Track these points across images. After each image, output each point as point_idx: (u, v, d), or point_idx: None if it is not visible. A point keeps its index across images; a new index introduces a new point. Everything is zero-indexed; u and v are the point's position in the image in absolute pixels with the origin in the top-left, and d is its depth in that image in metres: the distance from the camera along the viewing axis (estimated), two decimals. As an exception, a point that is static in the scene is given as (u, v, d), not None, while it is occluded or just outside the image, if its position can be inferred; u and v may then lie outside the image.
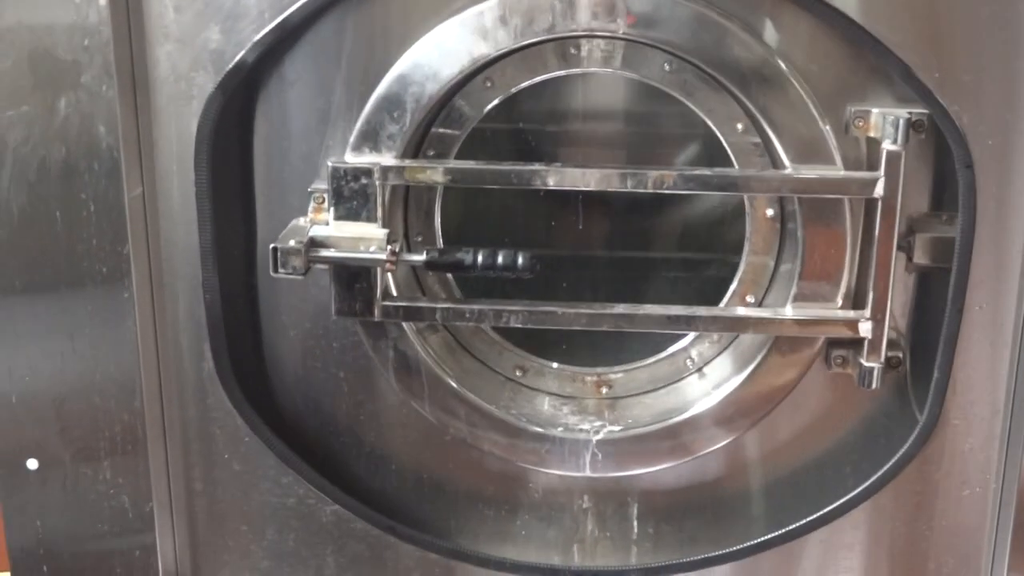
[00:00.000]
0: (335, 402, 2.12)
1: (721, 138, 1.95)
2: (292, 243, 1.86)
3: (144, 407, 2.04)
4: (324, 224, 1.93)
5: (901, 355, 2.02)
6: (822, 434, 2.12)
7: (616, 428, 2.09)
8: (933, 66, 1.81)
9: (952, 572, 2.12)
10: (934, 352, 1.96)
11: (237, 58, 1.88)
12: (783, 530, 2.10)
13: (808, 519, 2.09)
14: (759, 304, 2.06)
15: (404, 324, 2.02)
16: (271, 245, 1.86)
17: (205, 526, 2.17)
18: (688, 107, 1.94)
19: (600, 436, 2.08)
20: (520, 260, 1.89)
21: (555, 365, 2.16)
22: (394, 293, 2.01)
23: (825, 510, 2.08)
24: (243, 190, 2.01)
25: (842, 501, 2.08)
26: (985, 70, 1.82)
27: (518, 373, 2.15)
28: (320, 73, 1.93)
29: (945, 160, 1.92)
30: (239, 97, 1.95)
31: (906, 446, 2.02)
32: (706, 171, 1.92)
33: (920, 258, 1.94)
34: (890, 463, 2.04)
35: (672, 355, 2.14)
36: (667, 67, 1.90)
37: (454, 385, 2.07)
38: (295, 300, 2.06)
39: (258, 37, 1.87)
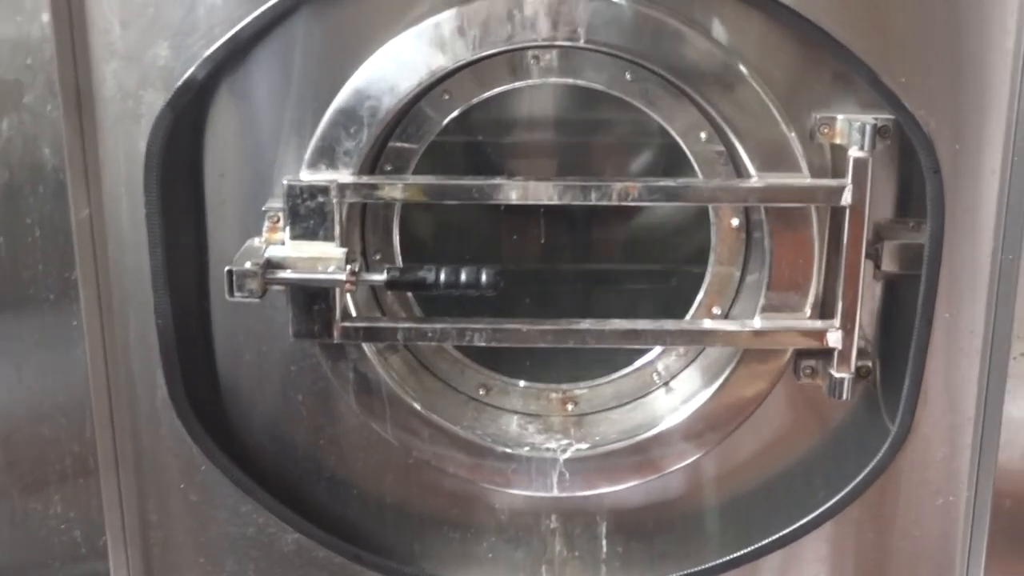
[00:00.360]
0: (294, 427, 2.08)
1: (684, 147, 1.93)
2: (248, 265, 1.81)
3: (95, 437, 1.99)
4: (280, 244, 1.88)
5: (871, 364, 2.01)
6: (792, 446, 2.10)
7: (583, 446, 2.06)
8: (899, 71, 1.81)
9: (927, 582, 2.11)
10: (904, 360, 1.95)
11: (187, 75, 1.84)
12: (756, 545, 2.09)
13: (782, 533, 2.08)
14: (726, 315, 2.04)
15: (364, 345, 1.98)
16: (226, 268, 1.81)
17: (161, 559, 2.12)
18: (649, 116, 1.92)
19: (567, 455, 2.05)
20: (484, 277, 1.85)
21: (520, 383, 2.14)
22: (353, 313, 1.97)
23: (799, 523, 2.07)
24: (194, 210, 1.97)
25: (816, 514, 2.06)
26: (951, 74, 1.81)
27: (481, 392, 2.12)
28: (272, 89, 1.89)
29: (910, 166, 1.91)
30: (189, 115, 1.90)
31: (878, 456, 2.01)
32: (671, 182, 1.89)
33: (888, 266, 1.92)
34: (863, 474, 2.02)
35: (638, 369, 2.12)
36: (628, 76, 1.88)
37: (416, 406, 2.03)
38: (250, 323, 2.02)
39: (208, 53, 1.83)
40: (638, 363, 2.12)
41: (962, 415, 1.99)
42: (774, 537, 2.08)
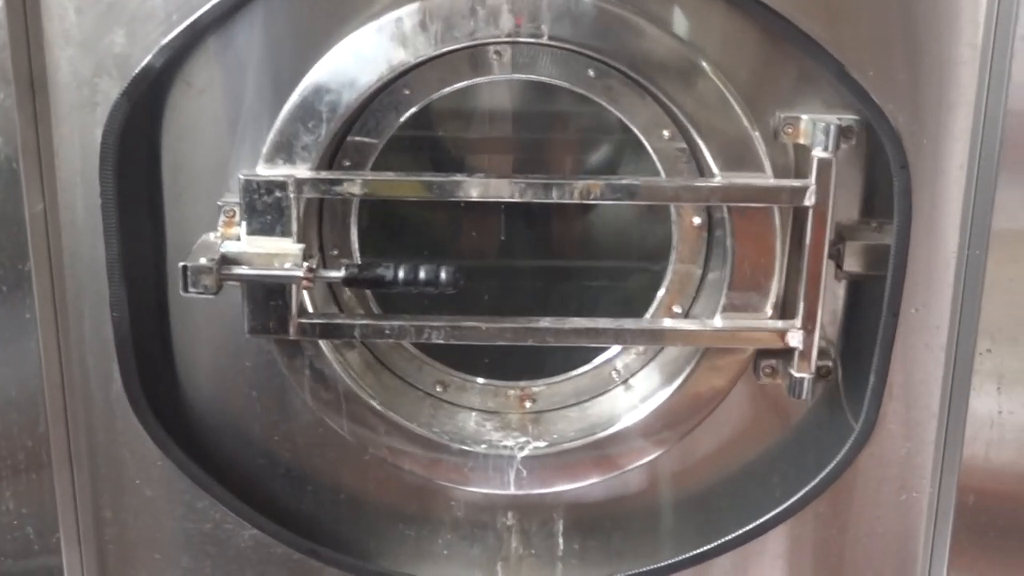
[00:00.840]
0: (249, 422, 2.06)
1: (646, 144, 1.92)
2: (203, 261, 1.79)
3: (49, 432, 1.97)
4: (235, 239, 1.86)
5: (831, 364, 2.01)
6: (753, 443, 2.10)
7: (541, 444, 2.05)
8: (867, 65, 1.80)
9: (890, 578, 2.12)
10: (867, 359, 1.95)
11: (144, 63, 1.81)
12: (716, 542, 2.08)
13: (742, 530, 2.07)
14: (686, 313, 2.04)
15: (320, 341, 1.96)
16: (180, 264, 1.79)
17: (115, 556, 2.11)
18: (609, 111, 1.91)
19: (525, 452, 2.04)
20: (443, 275, 1.84)
21: (478, 380, 2.13)
22: (310, 309, 1.95)
23: (760, 520, 2.06)
24: (150, 202, 1.94)
25: (777, 511, 2.06)
26: (920, 69, 1.81)
27: (439, 388, 2.11)
28: (230, 80, 1.87)
29: (874, 166, 1.90)
30: (145, 104, 1.87)
31: (842, 453, 2.01)
32: (634, 180, 1.88)
33: (850, 266, 1.92)
34: (826, 470, 2.02)
35: (597, 367, 2.12)
36: (591, 72, 1.86)
37: (372, 403, 2.02)
38: (206, 317, 2.00)
39: (166, 41, 1.80)
40: (597, 361, 2.11)
41: (926, 411, 1.99)
42: (735, 534, 2.08)
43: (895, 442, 2.01)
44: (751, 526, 2.07)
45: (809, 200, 1.84)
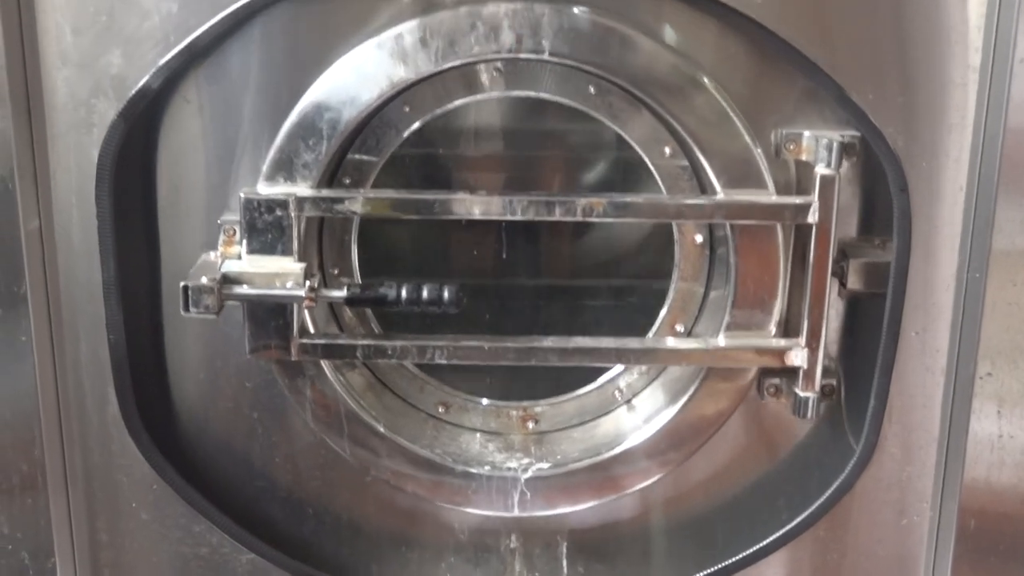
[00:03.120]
0: (249, 444, 2.05)
1: (648, 162, 1.92)
2: (204, 280, 1.78)
3: (44, 455, 1.95)
4: (236, 258, 1.85)
5: (835, 383, 1.99)
6: (755, 465, 2.09)
7: (544, 465, 2.04)
8: (867, 87, 1.80)
9: (891, 601, 2.11)
10: (868, 379, 1.94)
11: (141, 83, 1.80)
12: (720, 564, 2.07)
13: (745, 552, 2.06)
14: (689, 332, 2.03)
15: (322, 362, 1.95)
16: (182, 283, 1.78)
17: (112, 580, 2.09)
18: (611, 128, 1.91)
19: (528, 474, 2.03)
20: (446, 295, 1.83)
21: (480, 401, 2.12)
22: (311, 329, 1.94)
23: (762, 543, 2.05)
24: (147, 223, 1.93)
25: (779, 533, 2.05)
26: (919, 92, 1.80)
27: (441, 409, 2.10)
28: (228, 99, 1.86)
29: (876, 184, 1.90)
30: (142, 124, 1.87)
31: (843, 475, 2.00)
32: (636, 198, 1.88)
33: (854, 284, 1.91)
34: (827, 493, 2.02)
35: (600, 387, 2.11)
36: (592, 89, 1.86)
37: (374, 424, 2.00)
38: (204, 338, 1.99)
39: (163, 61, 1.79)
40: (600, 380, 2.11)
41: (927, 434, 1.98)
42: (737, 557, 2.06)
43: (896, 465, 2.01)
44: (753, 549, 2.06)
45: (812, 217, 1.83)
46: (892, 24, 1.78)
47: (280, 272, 1.82)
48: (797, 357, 1.91)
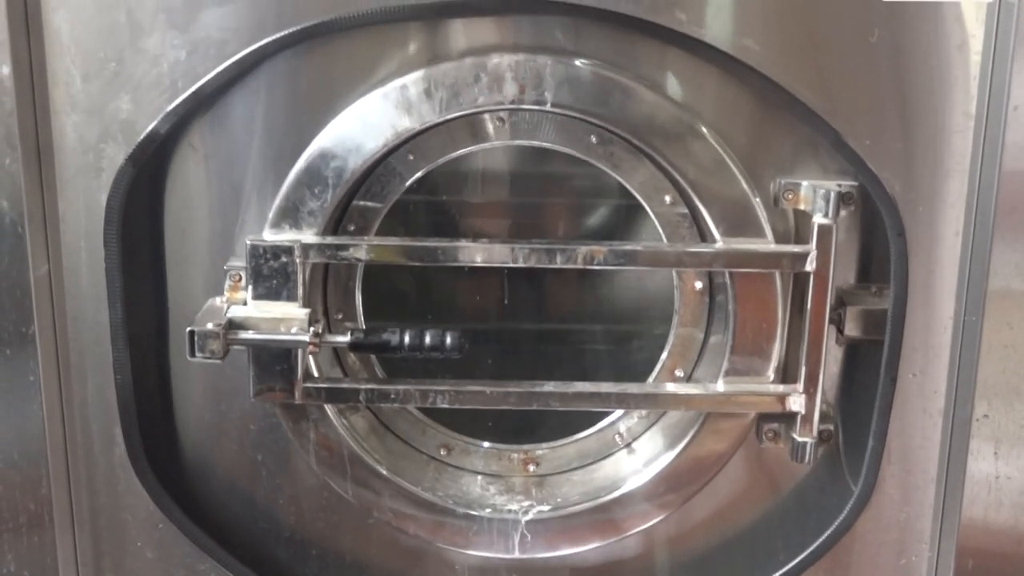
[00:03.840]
0: (253, 485, 2.06)
1: (648, 210, 1.93)
2: (210, 326, 1.79)
3: (51, 494, 1.96)
4: (242, 304, 1.87)
5: (832, 428, 2.00)
6: (753, 506, 2.10)
7: (545, 508, 2.05)
8: (863, 133, 1.81)
9: (889, 643, 2.11)
10: (866, 422, 1.95)
11: (149, 129, 1.82)
12: (719, 607, 2.08)
13: (746, 594, 2.07)
14: (689, 377, 2.04)
15: (326, 405, 1.96)
16: (188, 329, 1.79)
17: (117, 620, 2.10)
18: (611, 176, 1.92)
19: (529, 516, 2.04)
20: (448, 340, 1.85)
21: (482, 444, 2.13)
22: (315, 373, 1.95)
23: (763, 584, 2.07)
24: (154, 266, 1.95)
25: (779, 573, 2.06)
26: (915, 137, 1.82)
27: (443, 452, 2.11)
28: (236, 146, 1.88)
29: (873, 231, 1.92)
30: (150, 170, 1.88)
31: (842, 516, 2.01)
32: (637, 246, 1.89)
33: (851, 331, 1.93)
34: (826, 534, 2.02)
35: (600, 431, 2.12)
36: (594, 139, 1.88)
37: (377, 466, 2.01)
38: (210, 380, 2.00)
39: (171, 107, 1.81)
40: (600, 424, 2.11)
41: (925, 475, 1.99)
42: (740, 597, 2.08)
43: (894, 506, 2.01)
44: (753, 590, 2.07)
45: (810, 266, 1.85)
46: (890, 72, 1.80)
47: (285, 317, 1.84)
48: (795, 403, 1.93)
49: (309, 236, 1.85)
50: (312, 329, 1.83)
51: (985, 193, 1.82)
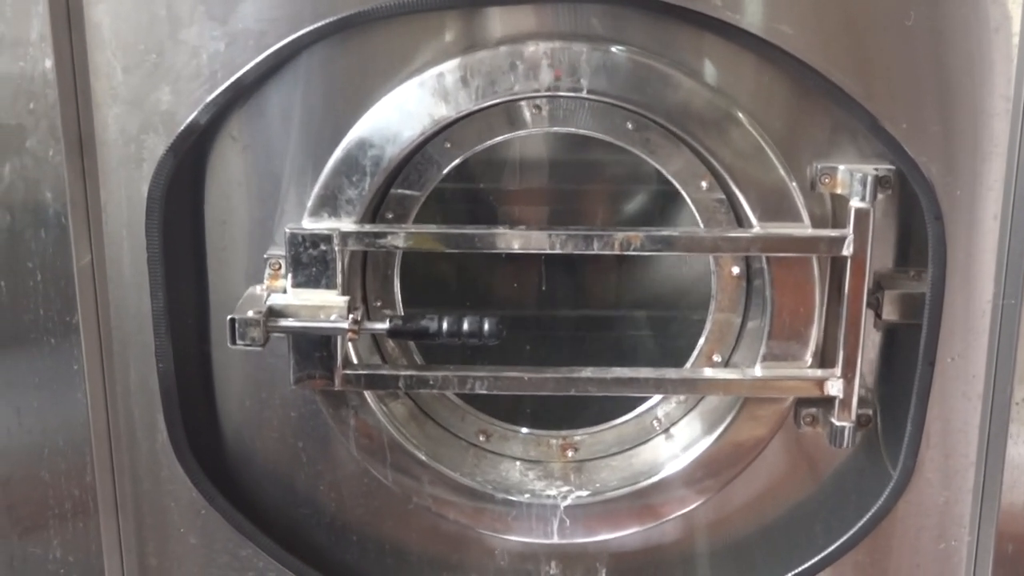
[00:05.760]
0: (293, 472, 2.07)
1: (685, 195, 1.93)
2: (251, 314, 1.81)
3: (96, 481, 1.98)
4: (282, 292, 1.88)
5: (871, 412, 2.00)
6: (792, 491, 2.09)
7: (584, 493, 2.06)
8: (900, 117, 1.81)
9: (929, 627, 2.11)
10: (905, 406, 1.95)
11: (189, 119, 1.84)
12: (759, 591, 2.09)
13: (786, 577, 2.08)
14: (726, 362, 2.04)
15: (365, 392, 1.98)
16: (229, 316, 1.81)
17: (161, 604, 2.12)
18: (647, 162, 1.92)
19: (568, 501, 2.05)
20: (486, 326, 1.85)
21: (520, 430, 2.13)
22: (355, 360, 1.97)
23: (800, 568, 2.06)
24: (195, 255, 1.97)
25: (817, 559, 2.06)
26: (952, 121, 1.81)
27: (482, 438, 2.12)
28: (274, 136, 1.89)
29: (911, 215, 1.91)
30: (190, 160, 1.90)
31: (881, 501, 2.01)
32: (673, 232, 1.90)
33: (889, 315, 1.92)
34: (865, 518, 2.02)
35: (638, 416, 2.12)
36: (630, 125, 1.88)
37: (417, 453, 2.03)
38: (251, 368, 2.01)
39: (211, 98, 1.83)
40: (638, 410, 2.12)
41: (964, 459, 1.99)
42: (781, 581, 2.09)
43: (933, 490, 2.01)
44: (791, 574, 2.06)
45: (847, 250, 1.85)
46: (927, 55, 1.79)
47: (324, 305, 1.85)
48: (833, 387, 1.92)
49: (347, 224, 1.86)
50: (351, 316, 1.84)
51: (1023, 176, 1.82)
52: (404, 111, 1.83)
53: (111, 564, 2.05)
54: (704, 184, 1.92)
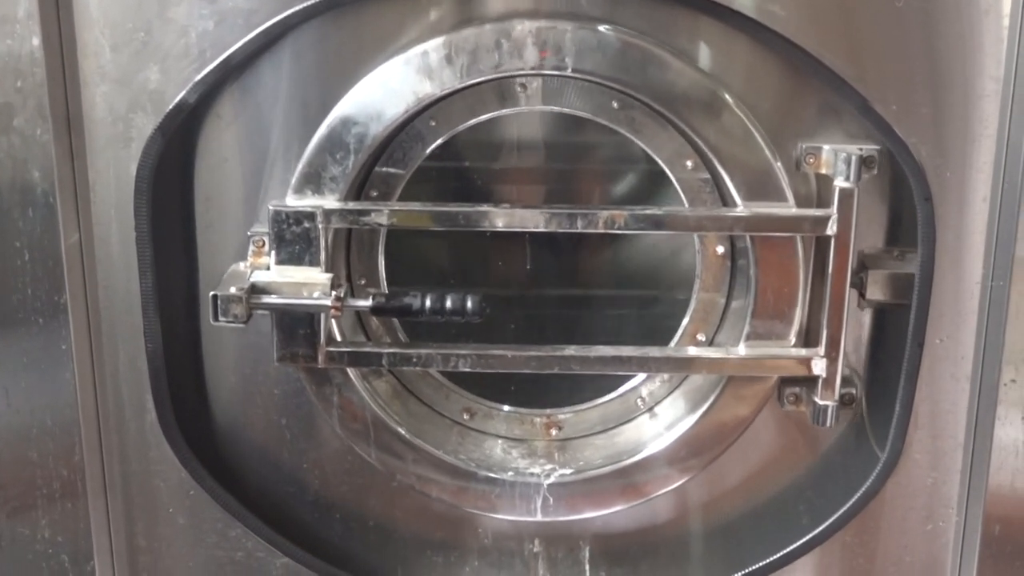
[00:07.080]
0: (279, 450, 2.08)
1: (670, 175, 1.93)
2: (233, 290, 1.82)
3: (84, 461, 1.99)
4: (265, 269, 1.89)
5: (855, 391, 2.00)
6: (780, 472, 2.10)
7: (567, 471, 2.06)
8: (889, 99, 1.81)
9: (917, 608, 2.11)
10: (891, 387, 1.95)
11: (177, 99, 1.84)
12: (743, 571, 2.09)
13: (769, 559, 2.08)
14: (710, 341, 2.05)
15: (348, 369, 1.98)
16: (211, 293, 1.82)
17: (149, 584, 2.13)
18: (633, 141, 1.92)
19: (551, 479, 2.05)
20: (469, 304, 1.86)
21: (504, 408, 2.14)
22: (338, 338, 1.97)
23: (787, 549, 2.07)
24: (183, 234, 1.97)
25: (804, 540, 2.06)
26: (942, 103, 1.82)
27: (466, 416, 2.12)
28: (261, 114, 1.90)
29: (896, 196, 1.92)
30: (179, 139, 1.90)
31: (868, 482, 2.01)
32: (657, 210, 1.90)
33: (873, 295, 1.92)
34: (852, 499, 2.03)
35: (622, 395, 2.12)
36: (615, 104, 1.88)
37: (400, 430, 2.03)
38: (238, 346, 2.02)
39: (199, 77, 1.83)
40: (622, 389, 2.12)
41: (952, 440, 1.99)
42: (763, 562, 2.08)
43: (921, 471, 2.01)
44: (777, 555, 2.07)
45: (831, 230, 1.85)
46: (918, 37, 1.79)
47: (307, 282, 1.86)
48: (816, 366, 1.93)
49: (331, 202, 1.86)
50: (334, 293, 1.85)
51: (1013, 158, 1.82)
52: (388, 89, 1.83)
53: (100, 544, 2.05)
54: (689, 164, 1.92)
